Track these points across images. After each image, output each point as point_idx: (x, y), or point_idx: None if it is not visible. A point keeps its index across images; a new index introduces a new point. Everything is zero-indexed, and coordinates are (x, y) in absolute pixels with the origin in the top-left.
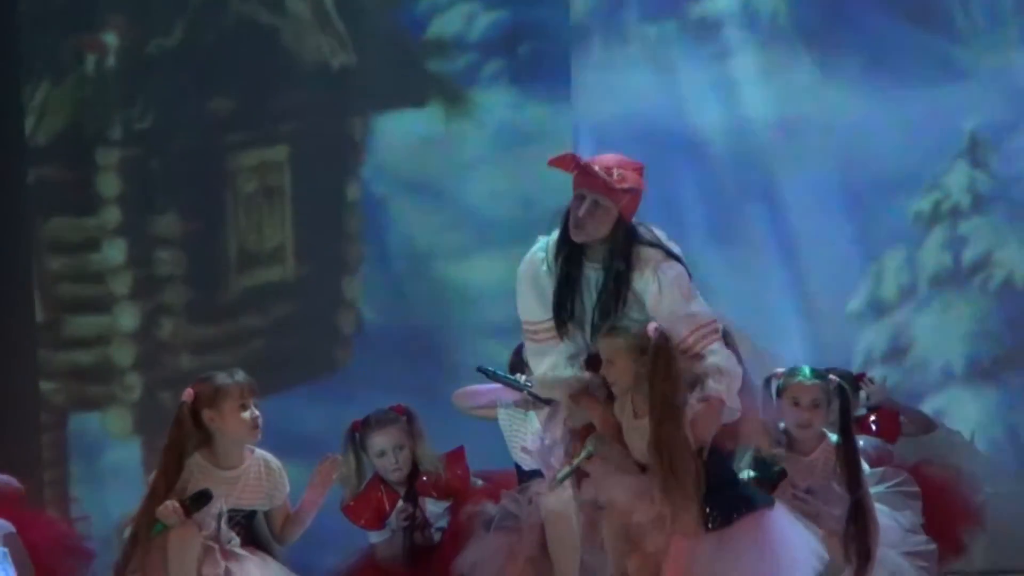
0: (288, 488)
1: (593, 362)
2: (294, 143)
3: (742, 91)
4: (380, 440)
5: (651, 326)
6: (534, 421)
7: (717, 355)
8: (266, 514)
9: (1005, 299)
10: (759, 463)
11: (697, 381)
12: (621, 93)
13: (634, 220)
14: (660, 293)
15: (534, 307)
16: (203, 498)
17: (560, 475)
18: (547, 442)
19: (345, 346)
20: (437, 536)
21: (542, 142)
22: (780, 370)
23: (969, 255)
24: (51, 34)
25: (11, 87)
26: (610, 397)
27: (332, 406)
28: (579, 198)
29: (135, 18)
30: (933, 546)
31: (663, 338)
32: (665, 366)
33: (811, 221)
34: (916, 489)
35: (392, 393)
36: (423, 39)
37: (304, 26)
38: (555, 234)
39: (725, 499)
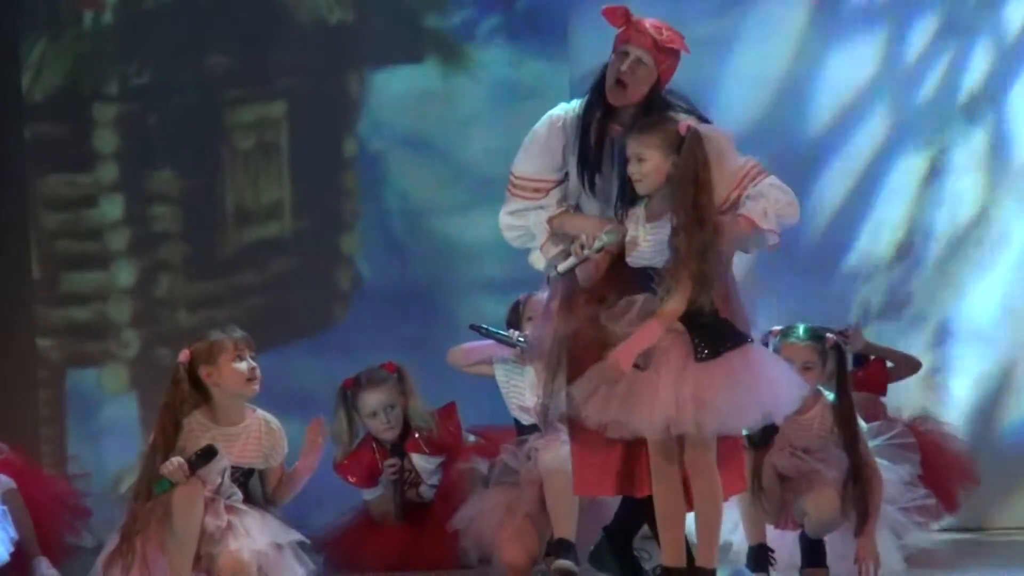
0: (286, 450)
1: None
2: (291, 99)
3: (741, 49)
4: (371, 399)
5: (683, 123)
6: (531, 375)
7: (760, 186)
8: (260, 474)
9: (1000, 257)
10: None
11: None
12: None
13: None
14: (716, 159)
15: (543, 161)
16: (208, 455)
17: (563, 267)
18: (543, 400)
19: (342, 302)
20: (430, 493)
21: (539, 98)
22: (776, 328)
23: (965, 213)
24: None
25: (8, 43)
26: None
27: (330, 361)
28: (622, 55)
29: None
30: (932, 500)
31: (696, 136)
32: (694, 167)
33: (808, 178)
34: (913, 440)
35: (389, 349)
36: None
37: None
38: (577, 101)
39: (713, 333)
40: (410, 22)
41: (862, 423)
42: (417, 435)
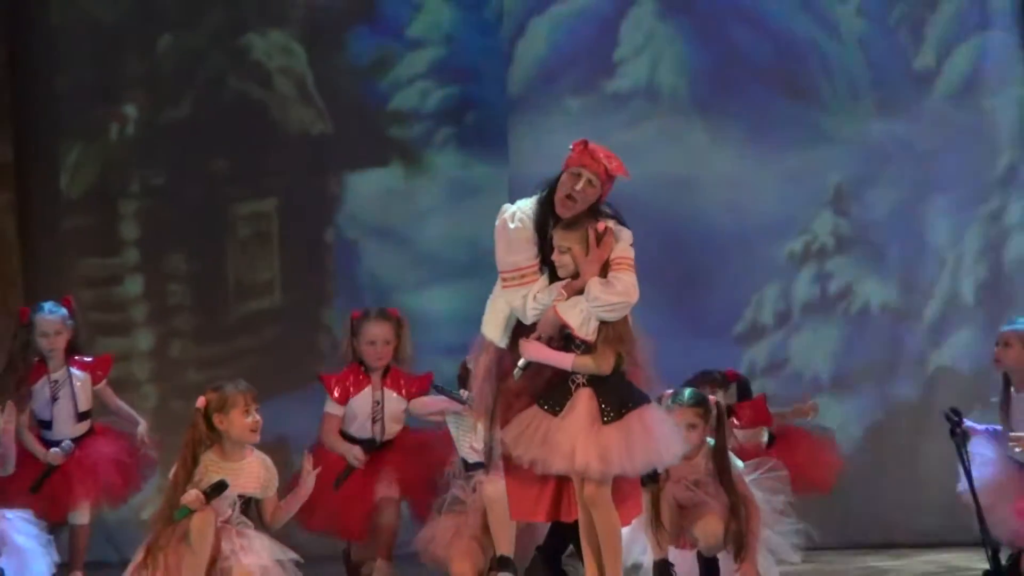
0: (277, 483)
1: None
2: (281, 196)
3: (647, 153)
4: (373, 330)
5: (601, 223)
6: (478, 427)
7: (615, 279)
8: (258, 503)
9: (863, 323)
10: None
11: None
12: (549, 154)
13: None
14: (616, 242)
15: (529, 253)
16: (220, 488)
17: (516, 373)
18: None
19: (323, 362)
20: (393, 430)
21: (484, 196)
22: (668, 391)
23: (833, 287)
24: (82, 106)
25: (50, 150)
26: None
27: (311, 411)
28: (575, 175)
29: (151, 93)
30: (800, 525)
31: (607, 230)
32: (604, 247)
33: (706, 259)
34: (785, 472)
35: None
36: (386, 111)
37: (289, 101)
38: (525, 201)
39: (618, 395)
40: (378, 133)
41: (738, 463)
42: (397, 375)
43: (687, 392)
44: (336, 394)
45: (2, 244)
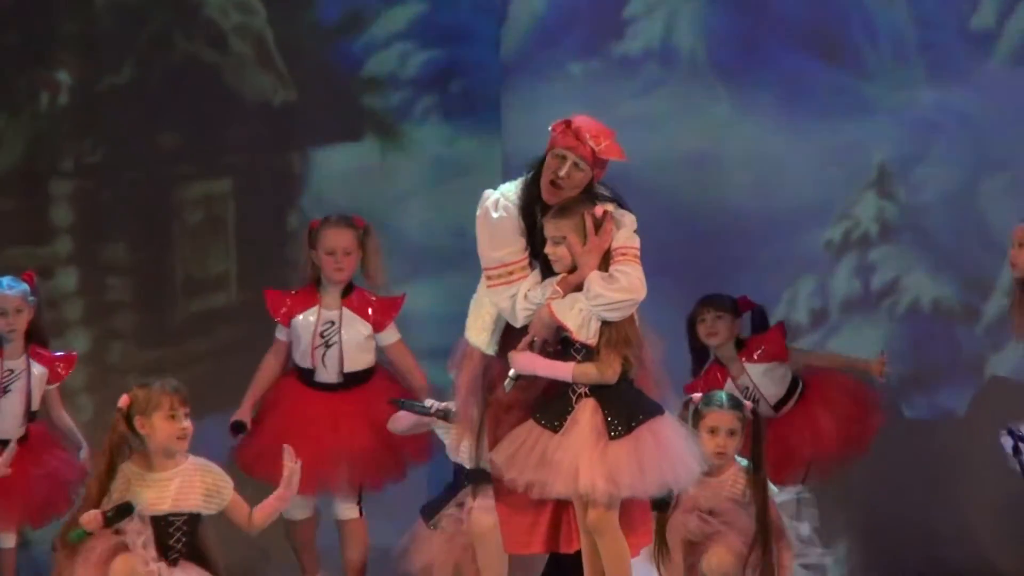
0: (231, 484)
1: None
2: (238, 176)
3: (663, 125)
4: (331, 237)
5: (599, 208)
6: (461, 445)
7: (618, 273)
8: (228, 513)
9: (911, 323)
10: None
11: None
12: (548, 128)
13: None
14: (616, 229)
15: (516, 247)
16: (124, 511)
17: (507, 384)
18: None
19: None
20: (358, 362)
21: (472, 175)
22: (697, 395)
23: (877, 281)
24: (6, 71)
25: None
26: None
27: None
28: (560, 158)
29: (87, 57)
30: (829, 558)
31: (606, 214)
32: (604, 235)
33: (729, 248)
34: (811, 496)
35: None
36: (360, 76)
37: (247, 65)
38: (511, 185)
39: (626, 406)
40: (350, 102)
41: (772, 488)
42: (364, 296)
43: (723, 395)
44: (276, 311)
45: None
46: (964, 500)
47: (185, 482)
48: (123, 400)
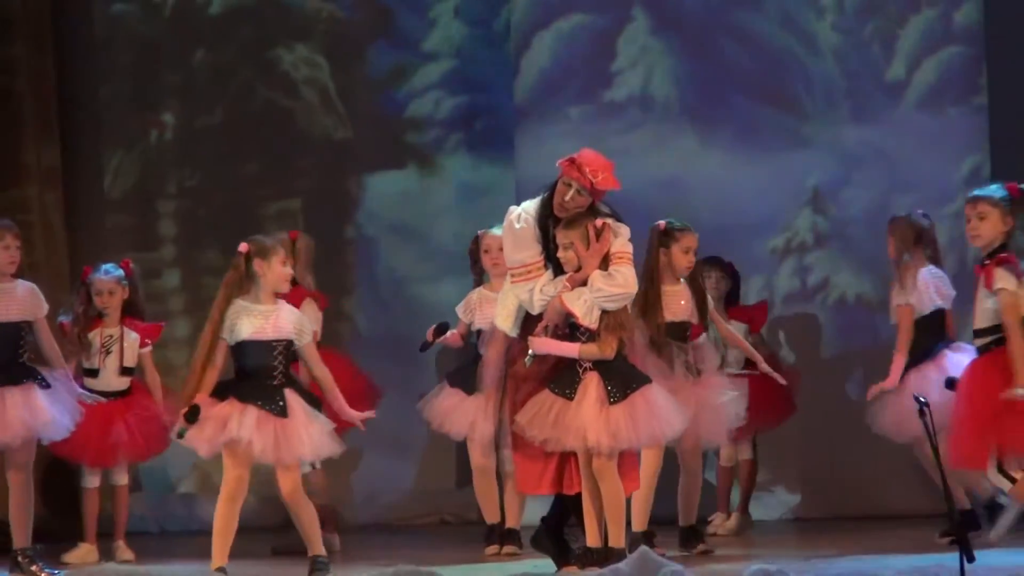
0: (312, 329)
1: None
2: (306, 197)
3: (643, 156)
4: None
5: (599, 220)
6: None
7: (615, 272)
8: (305, 350)
9: (839, 313)
10: None
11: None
12: (552, 158)
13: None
14: (614, 237)
15: (534, 250)
16: (195, 411)
17: (528, 359)
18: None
19: (344, 348)
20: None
21: (491, 196)
22: (662, 222)
23: (812, 280)
24: (123, 114)
25: (95, 154)
26: None
27: None
28: (567, 185)
29: (186, 102)
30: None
31: (604, 225)
32: (603, 242)
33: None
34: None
35: (378, 383)
36: (403, 118)
37: (313, 109)
38: (531, 202)
39: (622, 377)
40: (395, 139)
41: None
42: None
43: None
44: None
45: (51, 239)
46: (878, 452)
47: (282, 316)
48: (243, 246)
